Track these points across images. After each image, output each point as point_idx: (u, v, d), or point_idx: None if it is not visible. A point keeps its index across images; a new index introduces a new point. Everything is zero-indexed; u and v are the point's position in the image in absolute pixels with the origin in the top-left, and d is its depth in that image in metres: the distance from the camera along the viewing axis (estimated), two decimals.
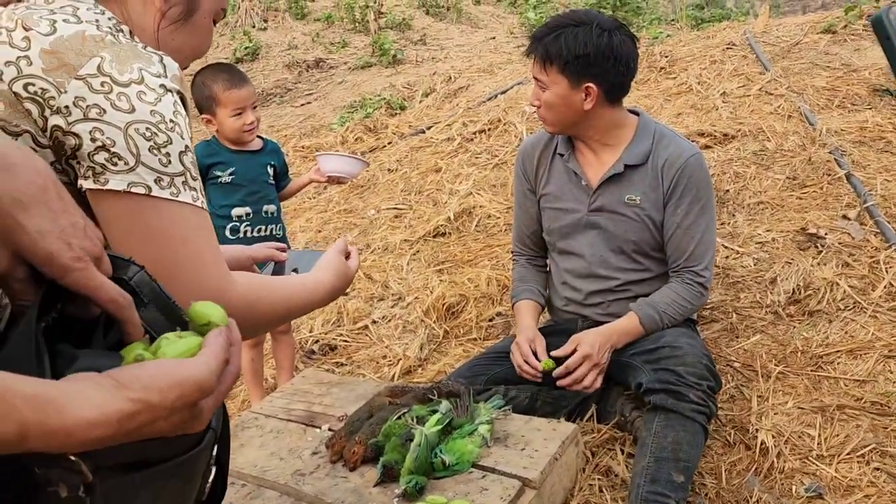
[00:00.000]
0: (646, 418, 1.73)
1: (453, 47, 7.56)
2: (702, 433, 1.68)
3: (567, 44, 1.80)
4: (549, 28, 1.86)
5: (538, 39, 1.85)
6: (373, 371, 2.52)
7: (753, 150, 3.28)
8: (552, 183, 2.03)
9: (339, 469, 1.71)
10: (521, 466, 1.63)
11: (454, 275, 2.97)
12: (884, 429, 1.80)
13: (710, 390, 1.71)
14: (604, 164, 1.96)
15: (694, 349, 1.78)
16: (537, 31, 1.89)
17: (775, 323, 2.29)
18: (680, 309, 1.91)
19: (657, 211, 1.91)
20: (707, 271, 1.94)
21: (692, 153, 1.90)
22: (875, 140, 3.20)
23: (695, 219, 1.89)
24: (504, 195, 3.55)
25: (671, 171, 1.88)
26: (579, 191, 1.98)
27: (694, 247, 1.90)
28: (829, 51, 4.31)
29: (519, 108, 4.45)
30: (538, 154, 2.06)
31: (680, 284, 1.92)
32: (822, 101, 3.67)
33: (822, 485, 1.68)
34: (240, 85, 2.22)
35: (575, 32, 1.80)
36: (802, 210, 2.81)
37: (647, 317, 1.89)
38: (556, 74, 1.83)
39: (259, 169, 2.35)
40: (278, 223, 2.40)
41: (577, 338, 1.86)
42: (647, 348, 1.85)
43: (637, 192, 1.92)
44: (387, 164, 4.34)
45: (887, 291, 2.27)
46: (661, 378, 1.72)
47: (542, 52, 1.84)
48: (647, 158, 1.91)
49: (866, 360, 2.03)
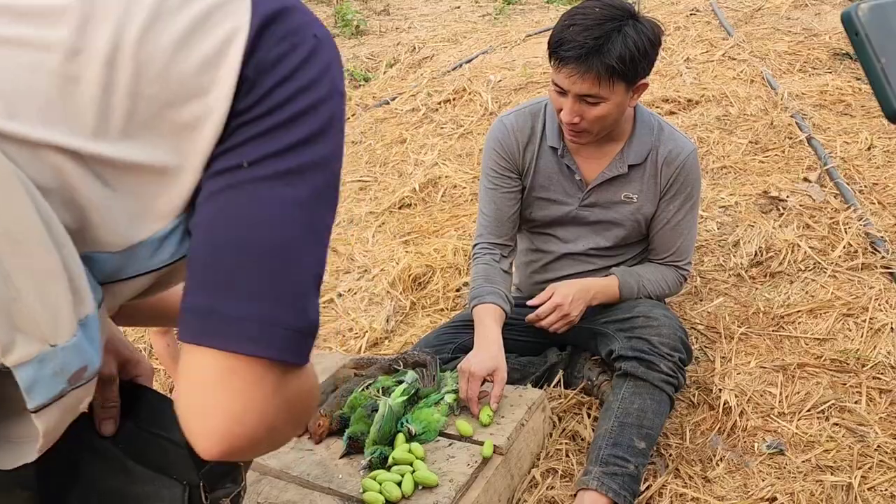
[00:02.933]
0: (614, 384, 1.74)
1: (417, 17, 7.44)
2: (668, 403, 1.69)
3: (625, 48, 1.57)
4: (591, 34, 1.57)
5: (593, 52, 1.57)
6: (339, 344, 2.49)
7: (717, 116, 3.29)
8: (539, 174, 1.88)
9: (305, 442, 1.69)
10: (487, 433, 1.63)
11: (420, 245, 2.95)
12: (842, 385, 1.84)
13: (681, 362, 1.72)
14: (602, 159, 1.84)
15: (669, 321, 1.78)
16: (576, 39, 1.58)
17: (738, 285, 2.31)
18: (659, 289, 1.91)
19: (651, 206, 1.86)
20: (689, 264, 1.95)
21: (690, 150, 1.83)
22: (835, 103, 3.24)
23: (684, 216, 1.87)
24: (470, 165, 3.52)
25: (670, 169, 1.82)
26: (571, 185, 1.87)
27: (680, 243, 1.90)
28: (790, 16, 4.33)
29: (484, 77, 4.40)
30: (523, 141, 1.87)
31: (665, 268, 1.92)
32: (783, 65, 3.69)
33: (784, 441, 1.71)
34: None
35: (623, 33, 1.58)
36: (765, 174, 2.83)
37: (626, 285, 1.88)
38: (617, 85, 1.62)
39: None
40: None
41: (554, 286, 1.84)
42: (621, 317, 1.84)
43: (635, 189, 1.84)
44: (351, 136, 4.27)
45: (846, 252, 2.31)
46: (634, 346, 1.72)
47: (600, 67, 1.57)
48: (648, 155, 1.82)
49: (826, 319, 2.06)
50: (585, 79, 1.60)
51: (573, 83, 1.62)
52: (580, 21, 1.60)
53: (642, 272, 1.91)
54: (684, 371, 1.75)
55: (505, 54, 4.83)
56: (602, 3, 1.63)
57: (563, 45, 1.61)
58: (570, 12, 1.66)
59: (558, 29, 1.64)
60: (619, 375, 1.73)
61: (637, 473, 1.59)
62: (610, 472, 1.56)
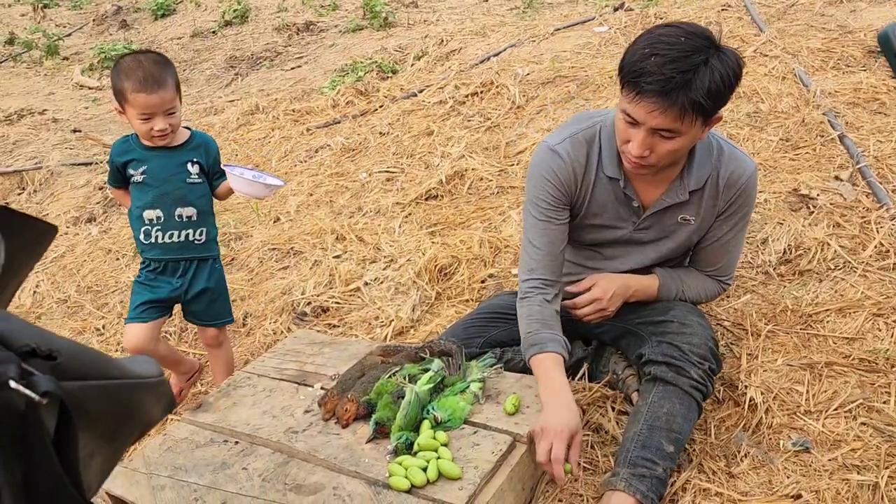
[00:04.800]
0: (643, 388, 1.73)
1: (445, 10, 7.44)
2: (696, 410, 1.68)
3: (714, 81, 1.46)
4: (677, 67, 1.45)
5: (680, 87, 1.45)
6: (365, 332, 2.52)
7: (747, 112, 3.26)
8: (595, 201, 1.78)
9: (332, 426, 1.72)
10: (512, 422, 1.65)
11: (446, 237, 2.96)
12: (871, 385, 1.82)
13: (710, 371, 1.70)
14: (660, 184, 1.74)
15: (703, 329, 1.75)
16: (662, 71, 1.45)
17: (766, 283, 2.29)
18: (697, 296, 1.90)
19: (706, 226, 1.81)
20: (731, 279, 1.93)
21: (752, 171, 1.74)
22: (869, 101, 3.18)
23: (735, 234, 1.83)
24: (496, 158, 3.53)
25: (731, 192, 1.74)
26: (627, 210, 1.79)
27: (726, 259, 1.87)
28: (824, 12, 4.27)
29: (512, 70, 4.40)
30: (581, 172, 1.75)
31: (708, 279, 1.90)
32: (816, 62, 3.64)
33: (810, 439, 1.70)
34: (151, 90, 1.94)
35: (710, 66, 1.46)
36: (795, 171, 2.80)
37: (666, 287, 1.86)
38: (697, 120, 1.51)
39: (175, 168, 2.09)
40: (199, 227, 2.14)
41: (595, 278, 1.83)
42: (655, 319, 1.82)
43: (693, 211, 1.77)
44: (378, 127, 4.29)
45: (877, 251, 2.28)
46: (664, 351, 1.70)
47: (686, 102, 1.46)
48: (707, 179, 1.74)
49: (855, 318, 2.04)
50: (668, 114, 1.48)
51: (652, 117, 1.50)
52: (664, 51, 1.46)
53: (684, 277, 1.89)
54: (713, 380, 1.73)
55: (533, 48, 4.82)
56: (685, 31, 1.50)
57: (643, 75, 1.47)
58: (649, 39, 1.51)
59: (637, 57, 1.50)
60: (649, 380, 1.71)
61: (665, 476, 1.59)
62: (638, 475, 1.56)
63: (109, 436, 0.65)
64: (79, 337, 2.92)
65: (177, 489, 1.59)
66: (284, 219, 3.56)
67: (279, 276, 3.03)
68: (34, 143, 5.48)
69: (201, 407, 1.88)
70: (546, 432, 1.52)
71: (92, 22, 9.50)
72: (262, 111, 5.20)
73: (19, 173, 4.78)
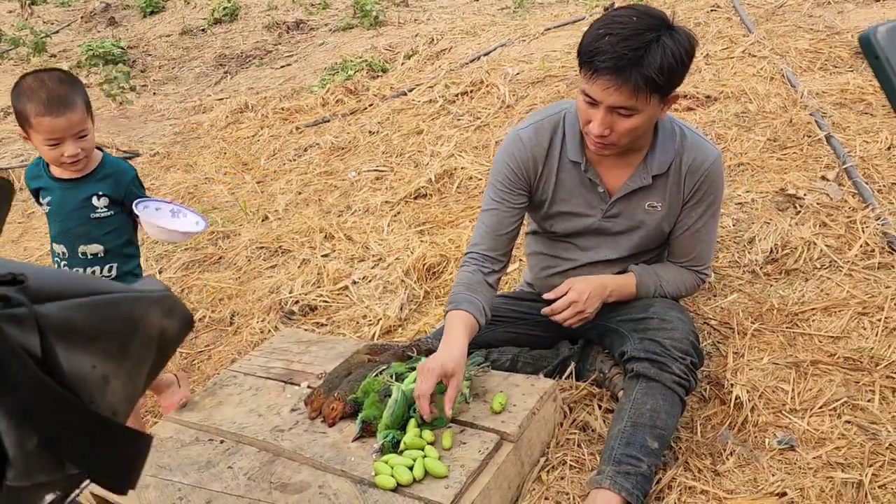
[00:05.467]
0: (626, 385, 1.73)
1: (436, 9, 7.44)
2: (679, 405, 1.69)
3: (665, 58, 1.51)
4: (629, 45, 1.50)
5: (631, 64, 1.50)
6: (353, 331, 2.52)
7: (735, 112, 3.27)
8: (561, 187, 1.83)
9: (318, 425, 1.71)
10: (499, 420, 1.64)
11: (435, 236, 2.96)
12: (855, 383, 1.83)
13: (692, 366, 1.71)
14: (625, 169, 1.79)
15: (683, 324, 1.76)
16: (615, 49, 1.50)
17: (753, 282, 2.30)
18: (676, 290, 1.90)
19: (674, 213, 1.84)
20: (708, 269, 1.93)
21: (715, 156, 1.78)
22: (855, 102, 3.21)
23: (705, 222, 1.84)
24: (486, 157, 3.52)
25: (695, 177, 1.77)
26: (594, 196, 1.82)
27: (700, 249, 1.88)
28: (812, 13, 4.30)
29: (502, 69, 4.40)
30: (541, 156, 1.80)
31: (685, 271, 1.91)
32: (804, 63, 3.66)
33: (795, 437, 1.71)
34: (57, 112, 1.74)
35: (661, 44, 1.51)
36: (782, 171, 2.81)
37: (644, 284, 1.86)
38: (653, 97, 1.56)
39: (77, 202, 1.87)
40: (108, 264, 1.92)
41: (571, 281, 1.83)
42: (635, 317, 1.83)
43: (658, 198, 1.81)
44: (368, 126, 4.29)
45: (863, 250, 2.29)
46: (646, 348, 1.71)
47: (639, 79, 1.51)
48: (671, 164, 1.78)
49: (841, 317, 2.05)
50: (622, 91, 1.53)
51: (608, 95, 1.55)
52: (617, 31, 1.52)
53: (661, 272, 1.90)
54: (696, 374, 1.74)
55: (523, 48, 4.83)
56: (638, 12, 1.56)
57: (598, 54, 1.52)
58: (603, 21, 1.57)
59: (591, 38, 1.55)
60: (632, 377, 1.72)
61: (650, 473, 1.59)
62: (623, 472, 1.56)
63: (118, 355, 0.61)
64: None
65: (161, 488, 1.58)
66: (273, 217, 3.55)
67: (267, 275, 3.01)
68: (20, 140, 5.43)
69: (186, 406, 1.87)
70: (422, 370, 1.62)
71: (80, 19, 9.44)
72: (251, 109, 5.18)
73: (6, 171, 4.75)
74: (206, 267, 3.23)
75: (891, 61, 0.63)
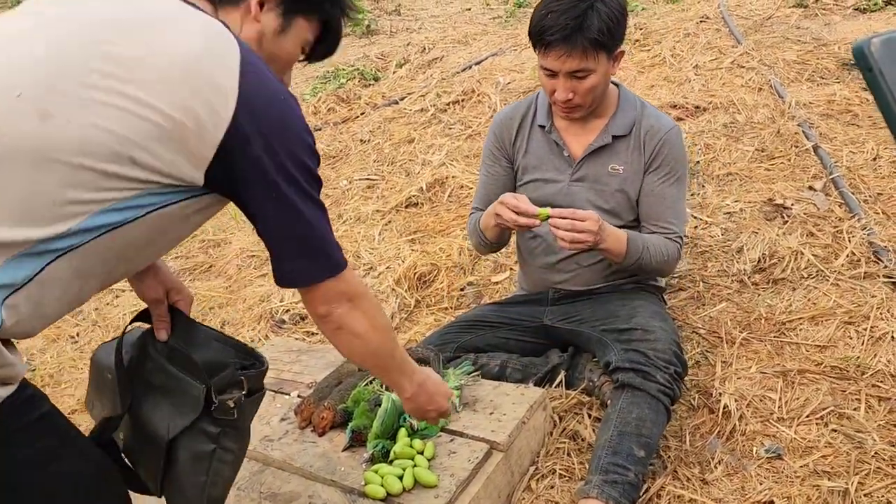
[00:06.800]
0: (612, 395, 1.75)
1: (428, 18, 7.47)
2: (665, 414, 1.70)
3: (602, 20, 1.72)
4: (570, 15, 1.72)
5: (575, 31, 1.72)
6: None
7: (724, 123, 3.30)
8: (531, 154, 2.01)
9: (308, 434, 1.71)
10: (489, 430, 1.65)
11: (426, 244, 2.97)
12: (842, 392, 1.85)
13: (676, 375, 1.74)
14: (588, 134, 1.95)
15: (666, 334, 1.80)
16: (558, 22, 1.73)
17: (741, 291, 2.32)
18: (659, 255, 1.88)
19: (637, 179, 1.93)
20: (681, 238, 1.94)
21: (672, 126, 1.93)
22: (842, 113, 3.24)
23: (668, 188, 1.92)
24: (477, 166, 3.53)
25: (653, 141, 1.90)
26: (561, 161, 1.97)
27: (669, 215, 1.92)
28: (800, 25, 4.34)
29: (493, 78, 4.42)
30: (516, 124, 2.02)
31: (661, 237, 1.92)
32: (792, 74, 3.70)
33: (782, 446, 1.73)
34: None
35: (596, 9, 1.72)
36: (770, 181, 2.84)
37: (633, 242, 1.85)
38: (601, 55, 1.76)
39: None
40: None
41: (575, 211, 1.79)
42: (619, 328, 1.85)
43: (621, 161, 1.93)
44: (359, 134, 4.29)
45: (849, 260, 2.32)
46: (630, 358, 1.74)
47: (585, 42, 1.72)
48: (632, 128, 1.92)
49: (827, 326, 2.07)
50: (573, 56, 1.74)
51: (563, 62, 1.76)
52: (556, 7, 1.75)
53: (646, 236, 1.91)
54: (680, 384, 1.76)
55: (514, 57, 4.85)
56: None
57: (545, 31, 1.75)
58: (544, 3, 1.79)
59: (537, 18, 1.78)
60: (617, 387, 1.74)
61: (637, 481, 1.60)
62: (610, 481, 1.57)
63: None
64: (52, 345, 2.88)
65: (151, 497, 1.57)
66: None
67: (257, 284, 3.01)
68: None
69: None
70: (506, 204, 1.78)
71: None
72: None
73: None
74: (197, 275, 3.23)
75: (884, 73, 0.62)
